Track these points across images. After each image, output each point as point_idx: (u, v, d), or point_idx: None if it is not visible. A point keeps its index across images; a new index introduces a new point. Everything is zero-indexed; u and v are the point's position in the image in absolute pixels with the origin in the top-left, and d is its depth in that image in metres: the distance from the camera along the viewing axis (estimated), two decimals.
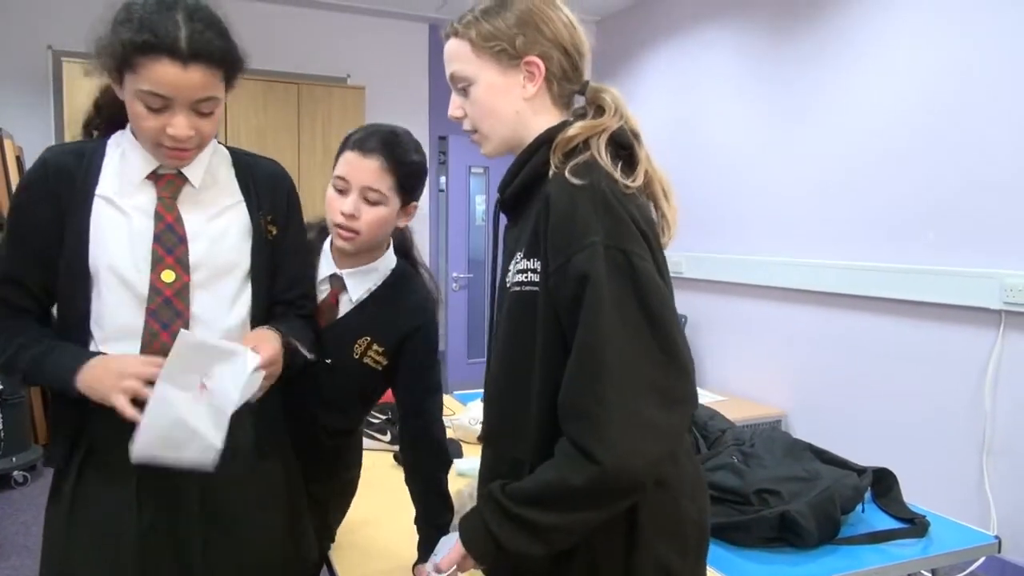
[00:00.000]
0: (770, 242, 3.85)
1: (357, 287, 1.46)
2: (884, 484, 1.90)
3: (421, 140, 6.28)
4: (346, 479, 1.64)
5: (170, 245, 1.17)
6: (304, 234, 1.41)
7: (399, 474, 1.55)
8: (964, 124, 2.90)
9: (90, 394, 1.09)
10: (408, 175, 1.40)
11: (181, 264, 1.17)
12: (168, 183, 1.20)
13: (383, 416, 2.38)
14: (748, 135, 3.97)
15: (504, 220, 1.19)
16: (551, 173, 1.04)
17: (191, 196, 1.21)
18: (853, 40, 3.36)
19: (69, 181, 1.16)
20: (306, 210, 1.44)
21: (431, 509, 1.50)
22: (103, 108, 1.25)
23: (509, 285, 1.07)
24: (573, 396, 0.95)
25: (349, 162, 1.37)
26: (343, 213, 1.36)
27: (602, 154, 1.03)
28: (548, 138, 1.07)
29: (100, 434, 1.16)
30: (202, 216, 1.22)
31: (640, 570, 1.02)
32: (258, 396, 1.15)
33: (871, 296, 3.27)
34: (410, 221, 1.49)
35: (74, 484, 1.17)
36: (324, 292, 1.46)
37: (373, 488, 1.77)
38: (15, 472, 3.74)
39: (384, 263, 1.49)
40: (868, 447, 3.21)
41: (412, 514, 1.51)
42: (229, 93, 1.19)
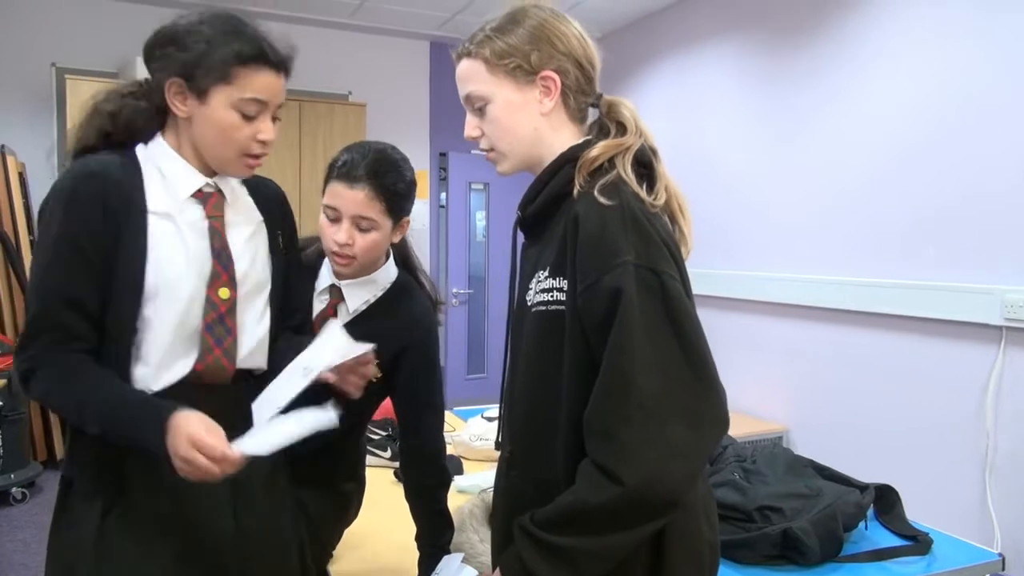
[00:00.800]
0: (771, 258, 3.86)
1: (355, 298, 1.46)
2: (887, 501, 1.89)
3: (422, 156, 6.25)
4: (342, 491, 1.62)
5: (225, 262, 1.19)
6: (299, 250, 1.44)
7: (400, 490, 1.55)
8: (964, 140, 2.91)
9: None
10: (397, 198, 1.40)
11: (233, 281, 1.19)
12: (217, 202, 1.21)
13: (383, 432, 2.37)
14: (749, 151, 3.99)
15: (522, 238, 1.19)
16: (576, 192, 1.03)
17: (230, 214, 1.23)
18: (852, 57, 3.38)
19: (123, 195, 1.13)
20: (307, 226, 1.45)
21: (432, 528, 1.48)
22: (118, 127, 1.20)
23: (531, 304, 1.06)
24: (599, 415, 0.95)
25: (337, 193, 1.37)
26: (337, 242, 1.37)
27: (628, 173, 1.03)
28: (571, 157, 1.07)
29: (137, 462, 1.14)
30: (240, 235, 1.24)
31: None
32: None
33: (872, 312, 3.27)
34: (405, 234, 1.50)
35: (103, 504, 1.14)
36: (323, 302, 1.47)
37: (374, 504, 1.76)
38: (14, 489, 3.72)
39: (384, 274, 1.49)
40: (869, 463, 3.19)
41: (413, 531, 1.50)
42: None
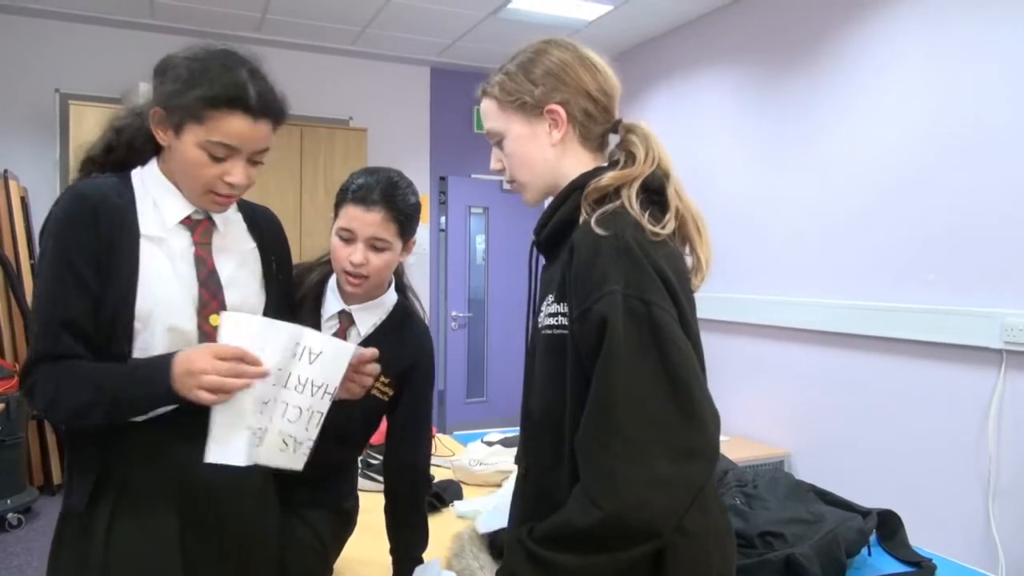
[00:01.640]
0: (771, 281, 3.86)
1: (365, 321, 1.52)
2: (889, 527, 1.87)
3: (422, 180, 6.32)
4: (344, 510, 1.65)
5: (213, 290, 1.19)
6: (292, 280, 1.47)
7: None
8: (962, 163, 2.93)
9: (185, 394, 1.07)
10: (409, 220, 1.46)
11: (224, 308, 1.20)
12: (205, 229, 1.22)
13: (382, 457, 2.35)
14: (747, 176, 4.01)
15: (541, 260, 1.22)
16: (581, 219, 1.06)
17: (218, 241, 1.24)
18: (850, 81, 3.42)
19: (117, 218, 1.14)
20: (307, 249, 1.47)
21: (413, 539, 1.55)
22: (114, 150, 1.25)
23: (541, 327, 1.10)
24: (585, 442, 0.97)
25: (353, 216, 1.41)
26: (352, 263, 1.41)
27: (632, 203, 1.05)
28: (580, 184, 1.10)
29: (135, 474, 1.16)
30: (230, 262, 1.25)
31: None
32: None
33: (872, 335, 3.27)
34: (410, 254, 1.55)
35: (107, 526, 1.15)
36: (333, 327, 1.51)
37: (371, 530, 1.75)
38: (10, 514, 3.69)
39: (388, 297, 1.56)
40: (871, 488, 3.17)
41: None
42: None
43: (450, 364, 5.68)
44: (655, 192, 1.09)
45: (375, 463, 2.32)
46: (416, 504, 1.56)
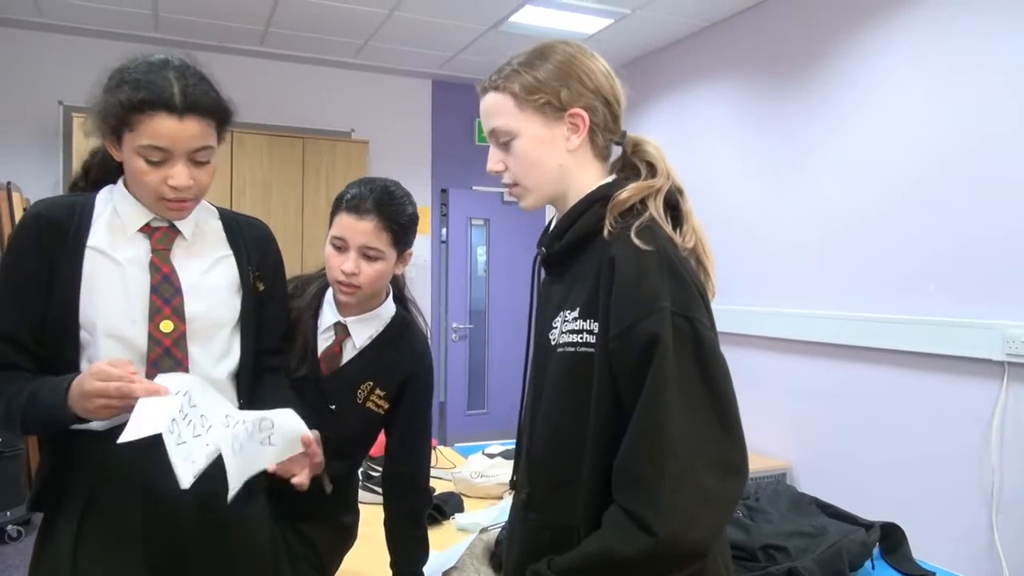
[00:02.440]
0: (772, 293, 3.86)
1: (360, 334, 1.50)
2: (892, 540, 1.87)
3: (423, 192, 6.30)
4: (342, 522, 1.63)
5: (167, 296, 1.19)
6: (287, 296, 1.44)
7: None
8: (964, 175, 2.93)
9: (85, 416, 1.08)
10: (403, 230, 1.45)
11: (178, 314, 1.19)
12: (163, 235, 1.22)
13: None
14: (749, 188, 4.02)
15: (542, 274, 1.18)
16: (607, 233, 1.02)
17: (183, 248, 1.24)
18: (851, 92, 3.43)
19: (59, 233, 1.17)
20: (307, 261, 1.46)
21: (413, 551, 1.54)
22: (91, 171, 1.29)
23: (555, 344, 1.05)
24: (632, 464, 0.93)
25: (346, 224, 1.41)
26: (344, 272, 1.40)
27: (662, 217, 1.03)
28: (601, 196, 1.06)
29: (104, 491, 1.16)
30: (195, 269, 1.24)
31: None
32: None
33: (874, 347, 3.26)
34: (406, 266, 1.54)
35: (74, 542, 1.15)
36: (329, 340, 1.50)
37: (372, 542, 1.74)
38: (9, 526, 3.68)
39: (385, 309, 1.54)
40: (874, 501, 3.15)
41: None
42: (222, 143, 1.24)
43: (451, 376, 5.67)
44: (671, 207, 1.07)
45: (375, 475, 2.31)
46: (415, 518, 1.55)
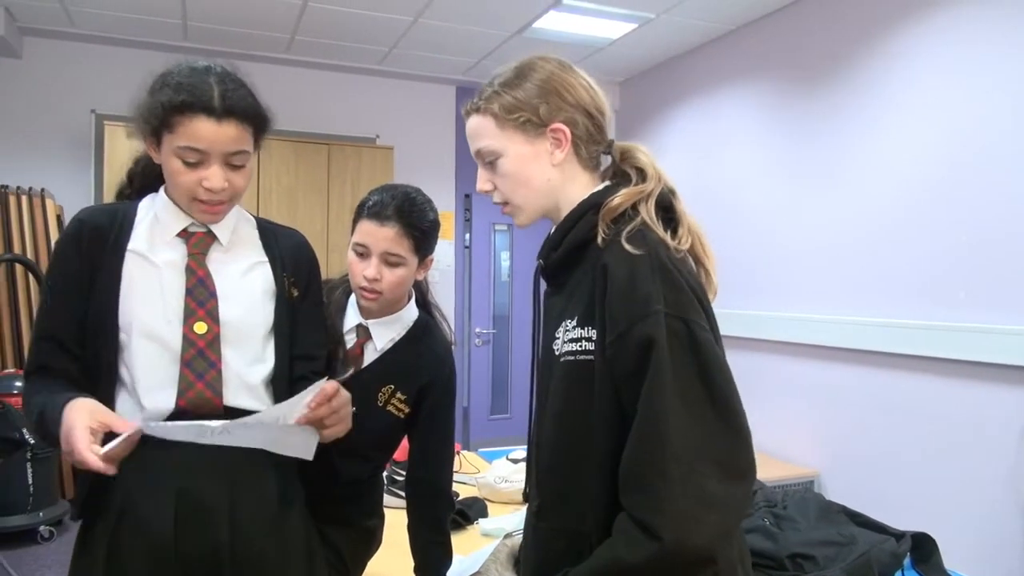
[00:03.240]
0: (798, 299, 3.82)
1: (382, 337, 1.52)
2: (924, 550, 1.83)
3: (447, 198, 6.32)
4: (367, 528, 1.64)
5: (202, 299, 1.21)
6: (322, 304, 1.44)
7: None
8: (992, 180, 2.88)
9: None
10: (424, 236, 1.46)
11: (212, 317, 1.21)
12: (199, 240, 1.25)
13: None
14: (773, 193, 3.98)
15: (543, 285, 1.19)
16: (600, 239, 1.03)
17: (219, 253, 1.26)
18: (876, 96, 3.38)
19: (102, 239, 1.21)
20: (333, 265, 1.48)
21: (436, 557, 1.54)
22: (135, 179, 1.33)
23: (559, 354, 1.06)
24: (634, 469, 0.93)
25: (367, 231, 1.43)
26: (366, 277, 1.42)
27: (654, 220, 1.03)
28: (592, 204, 1.07)
29: (131, 494, 1.17)
30: (230, 273, 1.26)
31: None
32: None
33: (903, 354, 3.21)
34: (428, 272, 1.55)
35: (108, 545, 1.17)
36: (350, 342, 1.52)
37: (396, 546, 1.75)
38: (42, 527, 3.74)
39: (408, 313, 1.55)
40: (903, 509, 3.10)
41: None
42: (258, 150, 1.26)
43: (474, 381, 5.68)
44: (664, 209, 1.07)
45: (400, 479, 2.32)
46: (438, 523, 1.55)
